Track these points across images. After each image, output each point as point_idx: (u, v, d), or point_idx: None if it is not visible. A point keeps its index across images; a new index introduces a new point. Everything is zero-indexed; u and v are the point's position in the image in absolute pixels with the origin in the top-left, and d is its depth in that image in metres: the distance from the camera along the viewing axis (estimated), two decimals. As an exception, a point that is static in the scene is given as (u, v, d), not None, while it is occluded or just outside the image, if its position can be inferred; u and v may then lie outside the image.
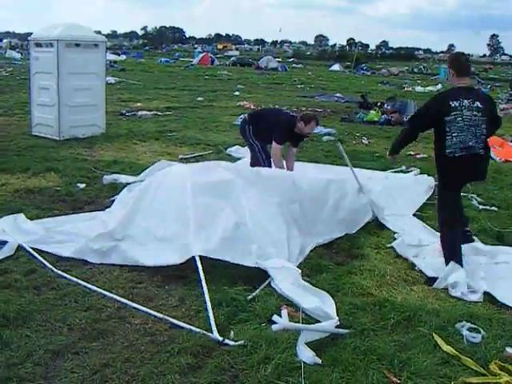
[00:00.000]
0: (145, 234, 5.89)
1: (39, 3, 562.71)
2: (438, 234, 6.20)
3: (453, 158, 5.73)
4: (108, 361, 4.00)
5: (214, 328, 4.42)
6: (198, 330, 4.41)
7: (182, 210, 5.84)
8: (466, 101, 5.71)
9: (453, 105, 5.69)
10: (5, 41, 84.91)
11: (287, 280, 5.20)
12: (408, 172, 10.20)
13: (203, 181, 6.23)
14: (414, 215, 7.78)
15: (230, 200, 6.07)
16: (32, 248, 5.90)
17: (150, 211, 6.07)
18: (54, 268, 5.46)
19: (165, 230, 5.80)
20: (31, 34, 13.61)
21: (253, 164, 8.46)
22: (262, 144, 8.54)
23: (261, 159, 8.45)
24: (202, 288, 4.96)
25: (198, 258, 5.23)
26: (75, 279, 5.26)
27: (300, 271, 5.43)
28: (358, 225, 7.08)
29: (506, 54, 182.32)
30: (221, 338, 4.29)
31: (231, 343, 4.25)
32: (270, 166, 8.22)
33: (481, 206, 8.44)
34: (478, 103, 5.74)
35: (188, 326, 4.48)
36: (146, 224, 5.96)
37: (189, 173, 6.39)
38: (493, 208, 8.42)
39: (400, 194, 8.25)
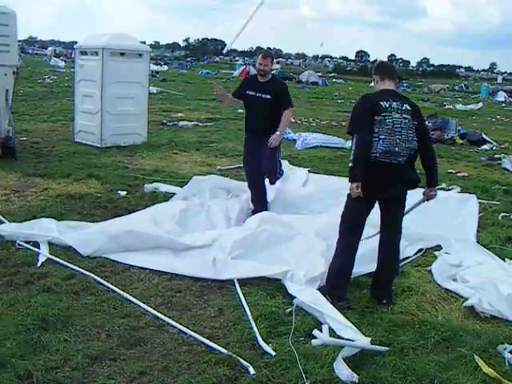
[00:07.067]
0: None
1: (84, 13, 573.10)
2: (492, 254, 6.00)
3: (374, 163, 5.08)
4: (145, 369, 4.00)
5: (259, 338, 4.47)
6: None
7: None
8: (394, 103, 5.14)
9: (383, 105, 5.11)
10: (50, 49, 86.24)
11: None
12: (449, 190, 10.00)
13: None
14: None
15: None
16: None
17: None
18: (93, 275, 5.49)
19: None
20: (76, 42, 13.80)
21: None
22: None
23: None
24: (241, 300, 4.96)
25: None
26: (113, 287, 5.27)
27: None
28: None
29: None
30: (272, 352, 4.28)
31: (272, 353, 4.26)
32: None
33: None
34: (406, 105, 5.18)
35: (220, 349, 4.32)
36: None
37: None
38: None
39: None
